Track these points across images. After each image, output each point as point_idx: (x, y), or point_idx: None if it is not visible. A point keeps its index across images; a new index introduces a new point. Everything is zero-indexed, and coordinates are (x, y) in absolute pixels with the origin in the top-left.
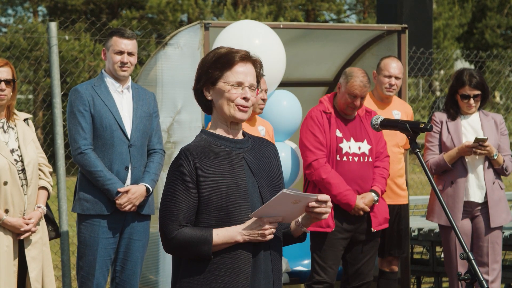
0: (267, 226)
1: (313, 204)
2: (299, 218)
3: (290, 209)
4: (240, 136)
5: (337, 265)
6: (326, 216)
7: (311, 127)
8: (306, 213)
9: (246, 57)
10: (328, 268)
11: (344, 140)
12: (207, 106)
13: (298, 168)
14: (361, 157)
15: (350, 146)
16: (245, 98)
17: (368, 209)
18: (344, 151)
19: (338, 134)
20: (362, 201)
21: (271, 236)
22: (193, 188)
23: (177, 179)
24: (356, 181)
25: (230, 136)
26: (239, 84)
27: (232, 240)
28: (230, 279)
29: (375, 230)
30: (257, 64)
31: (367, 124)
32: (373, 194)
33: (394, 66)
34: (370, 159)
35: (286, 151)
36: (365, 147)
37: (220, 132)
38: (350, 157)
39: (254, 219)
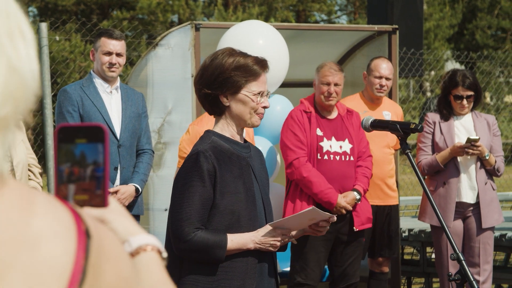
0: (279, 238)
1: (323, 223)
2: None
3: (302, 223)
4: (243, 140)
5: (319, 267)
6: (323, 233)
7: (291, 126)
8: (308, 228)
9: (266, 66)
10: (309, 270)
11: (325, 139)
12: (217, 109)
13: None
14: (343, 156)
15: (331, 145)
16: (265, 107)
17: (350, 208)
18: (325, 150)
19: (319, 132)
20: (344, 199)
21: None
22: (210, 190)
23: (196, 180)
24: (337, 180)
25: (238, 140)
26: (261, 94)
27: (245, 247)
28: (237, 283)
29: (357, 230)
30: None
31: (348, 124)
32: (355, 193)
33: (384, 67)
34: (352, 158)
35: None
36: (346, 146)
37: (228, 134)
38: (331, 156)
39: (268, 228)
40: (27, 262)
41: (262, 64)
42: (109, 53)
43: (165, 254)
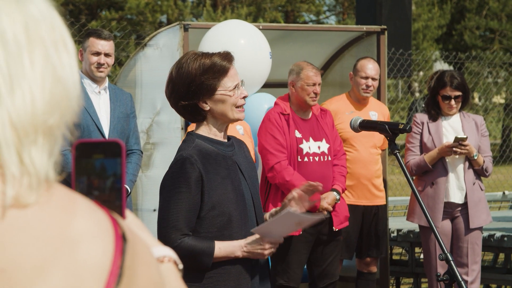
0: (267, 246)
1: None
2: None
3: (289, 228)
4: (226, 137)
5: (300, 268)
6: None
7: (270, 130)
8: None
9: (232, 58)
10: (291, 272)
11: (304, 141)
12: (199, 116)
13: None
14: (321, 157)
15: (310, 146)
16: (244, 97)
17: (331, 209)
18: (304, 152)
19: (298, 134)
20: (326, 201)
21: (269, 255)
22: (197, 196)
23: (182, 186)
24: (318, 181)
25: (222, 139)
26: (236, 86)
27: (232, 255)
28: (232, 284)
29: (336, 229)
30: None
31: (323, 123)
32: (334, 193)
33: (370, 67)
34: (329, 158)
35: None
36: (324, 146)
37: (212, 135)
38: (311, 157)
39: (256, 237)
40: (67, 260)
41: (227, 57)
42: (98, 53)
43: (181, 266)
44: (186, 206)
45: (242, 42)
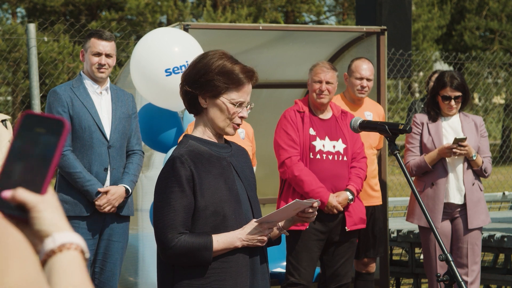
0: (266, 232)
1: (309, 210)
2: (281, 222)
3: (288, 215)
4: (222, 140)
5: (312, 267)
6: (313, 219)
7: (284, 126)
8: (296, 217)
9: (253, 77)
10: (302, 270)
11: (318, 138)
12: (194, 109)
13: None
14: (336, 156)
15: (324, 145)
16: (242, 117)
17: (341, 208)
18: (317, 149)
19: (312, 132)
20: (336, 199)
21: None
22: (190, 194)
23: (174, 186)
24: (330, 180)
25: (216, 141)
26: (240, 104)
27: (232, 246)
28: (230, 283)
29: (349, 230)
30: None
31: (342, 124)
32: (347, 193)
33: (365, 68)
34: (345, 158)
35: None
36: (340, 146)
37: (206, 136)
38: (324, 155)
39: (253, 224)
40: None
41: (248, 74)
42: (99, 54)
43: (87, 255)
44: (180, 205)
45: (176, 50)
